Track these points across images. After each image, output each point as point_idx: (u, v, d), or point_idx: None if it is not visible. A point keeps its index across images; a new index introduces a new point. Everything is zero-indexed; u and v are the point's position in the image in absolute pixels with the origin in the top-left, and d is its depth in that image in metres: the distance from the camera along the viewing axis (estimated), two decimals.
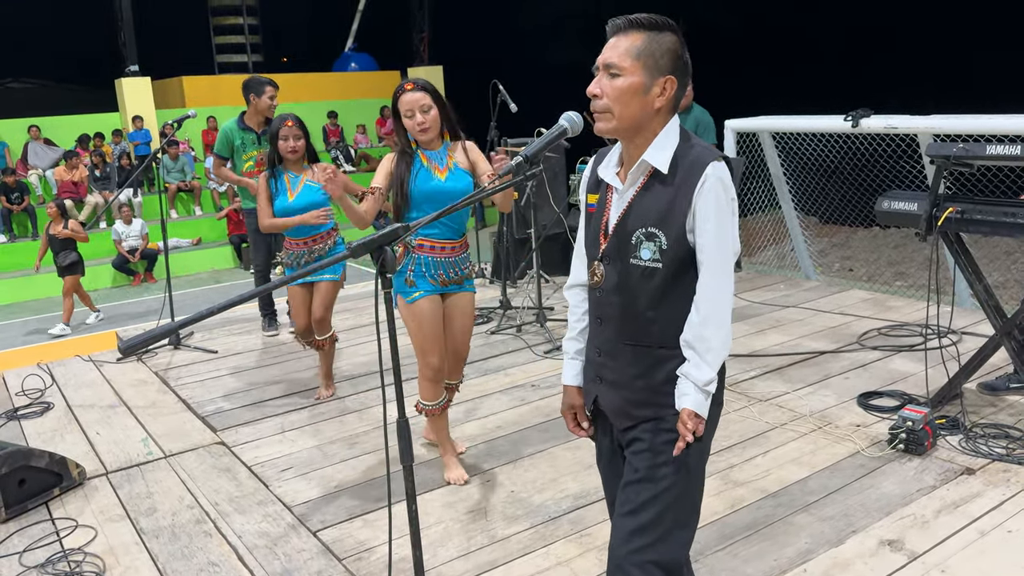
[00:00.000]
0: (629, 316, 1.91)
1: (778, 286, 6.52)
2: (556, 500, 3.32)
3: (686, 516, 1.94)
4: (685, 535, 1.95)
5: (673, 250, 1.84)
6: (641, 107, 1.83)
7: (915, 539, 2.88)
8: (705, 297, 1.84)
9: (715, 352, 1.84)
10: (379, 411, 4.36)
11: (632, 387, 1.94)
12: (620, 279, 1.91)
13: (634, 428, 1.96)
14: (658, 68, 1.81)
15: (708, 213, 1.80)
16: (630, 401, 1.95)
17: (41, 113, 15.47)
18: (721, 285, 1.84)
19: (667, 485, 1.89)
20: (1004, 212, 3.53)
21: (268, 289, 2.00)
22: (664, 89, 1.83)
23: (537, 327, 5.61)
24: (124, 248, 12.57)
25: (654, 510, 1.88)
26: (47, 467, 3.54)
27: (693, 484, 1.94)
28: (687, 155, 1.85)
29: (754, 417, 4.00)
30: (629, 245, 1.88)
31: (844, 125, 5.79)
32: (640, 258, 1.86)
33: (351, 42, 21.51)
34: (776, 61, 20.46)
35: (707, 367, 1.84)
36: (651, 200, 1.86)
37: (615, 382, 1.97)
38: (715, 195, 1.80)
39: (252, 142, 5.60)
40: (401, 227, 1.86)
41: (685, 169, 1.83)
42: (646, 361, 1.92)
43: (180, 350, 5.66)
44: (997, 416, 3.81)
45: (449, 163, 3.38)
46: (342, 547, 3.06)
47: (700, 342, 1.84)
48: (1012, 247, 9.87)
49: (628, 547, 1.88)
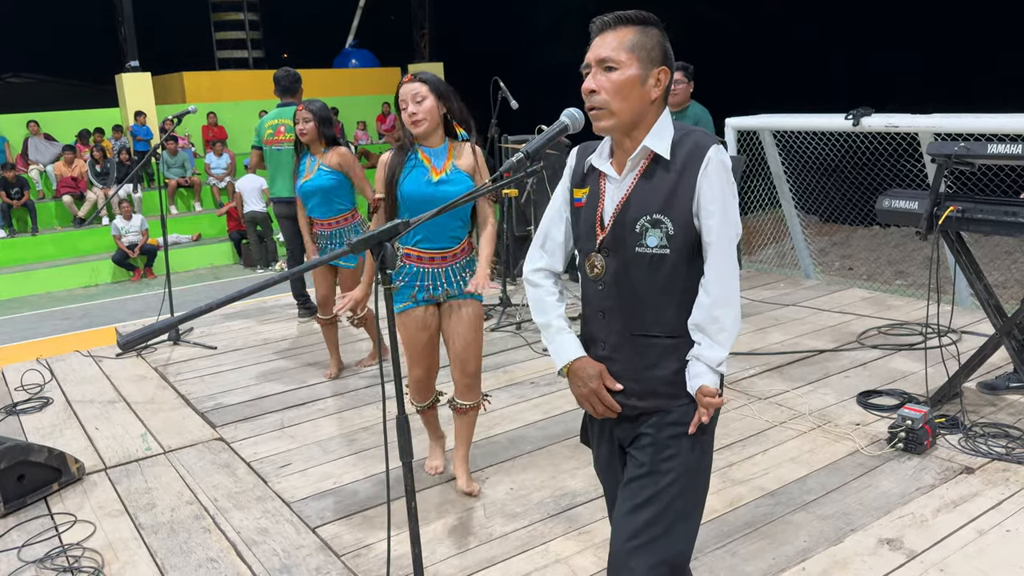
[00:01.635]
0: (636, 306, 1.90)
1: (778, 284, 6.51)
2: (555, 498, 3.32)
3: (690, 511, 1.93)
4: (690, 530, 1.93)
5: (680, 235, 1.84)
6: (640, 99, 1.85)
7: (914, 538, 2.88)
8: (714, 279, 1.85)
9: (728, 332, 1.86)
10: (378, 408, 4.36)
11: (640, 378, 1.92)
12: (625, 269, 1.89)
13: (637, 423, 1.94)
14: (651, 60, 1.84)
15: (714, 194, 1.82)
16: (638, 394, 1.93)
17: (41, 108, 15.42)
18: (728, 266, 1.85)
19: (672, 479, 1.88)
20: (1005, 211, 3.53)
21: (265, 286, 1.99)
22: (659, 80, 1.86)
23: (535, 324, 5.60)
24: (124, 244, 12.55)
25: (658, 505, 1.87)
26: (46, 462, 3.54)
27: (698, 479, 1.93)
28: (686, 141, 1.87)
29: (753, 415, 4.00)
30: (632, 234, 1.87)
31: (845, 124, 5.78)
32: (647, 246, 1.86)
33: (352, 38, 21.49)
34: (777, 60, 20.44)
35: (719, 347, 1.86)
36: (653, 187, 1.86)
37: (622, 375, 1.94)
38: (719, 177, 1.83)
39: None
40: (402, 223, 1.85)
41: (686, 154, 1.85)
42: (655, 352, 1.91)
43: (180, 346, 5.66)
44: (997, 415, 3.81)
45: (447, 165, 3.10)
46: (341, 543, 3.06)
47: (712, 323, 1.85)
48: (1013, 246, 9.86)
49: (632, 544, 1.87)
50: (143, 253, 12.69)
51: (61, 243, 13.10)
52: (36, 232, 13.11)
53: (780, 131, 6.62)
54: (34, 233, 13.07)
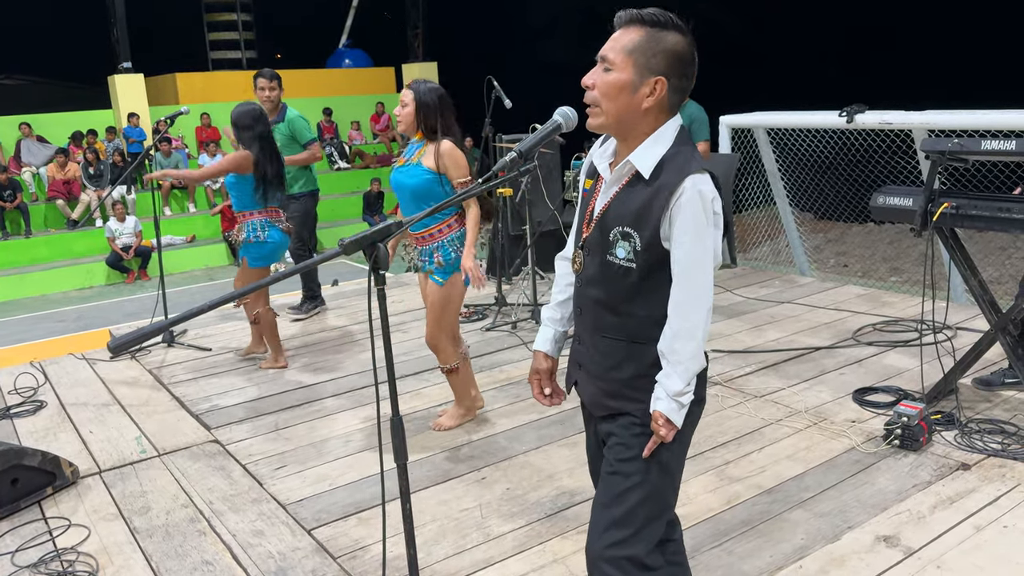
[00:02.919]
0: (604, 308, 1.93)
1: (773, 282, 6.51)
2: (551, 497, 3.31)
3: (658, 510, 1.95)
4: (656, 529, 1.96)
5: (646, 252, 1.84)
6: (627, 105, 1.81)
7: (911, 535, 2.88)
8: (676, 311, 1.83)
9: (684, 365, 1.83)
10: (373, 409, 4.35)
11: (606, 378, 1.96)
12: (597, 272, 1.92)
13: (609, 421, 1.98)
14: (649, 67, 1.79)
15: (686, 226, 1.78)
16: (604, 391, 1.97)
17: (34, 110, 15.38)
18: (694, 299, 1.81)
19: (639, 480, 1.90)
20: (999, 207, 3.53)
21: (259, 287, 1.98)
22: (654, 90, 1.80)
23: (532, 324, 5.60)
24: (118, 245, 12.53)
25: (626, 504, 1.90)
26: (40, 466, 3.52)
27: (665, 479, 1.94)
28: (672, 162, 1.82)
29: (749, 413, 4.00)
30: (607, 241, 1.89)
31: (839, 121, 5.79)
32: (616, 256, 1.88)
33: (345, 38, 21.45)
34: (771, 57, 20.46)
35: (677, 378, 1.83)
36: (631, 200, 1.86)
37: (591, 371, 2.00)
38: (692, 209, 1.77)
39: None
40: (394, 223, 1.86)
41: (666, 176, 1.81)
42: (620, 354, 1.93)
43: (174, 348, 5.64)
44: (992, 411, 3.81)
45: (414, 159, 3.69)
46: (336, 545, 3.05)
47: (672, 354, 1.84)
48: (1007, 242, 9.89)
49: (602, 542, 1.91)
50: (137, 255, 12.66)
51: (55, 245, 13.06)
52: (29, 234, 13.07)
53: (774, 128, 6.62)
54: (27, 235, 13.03)
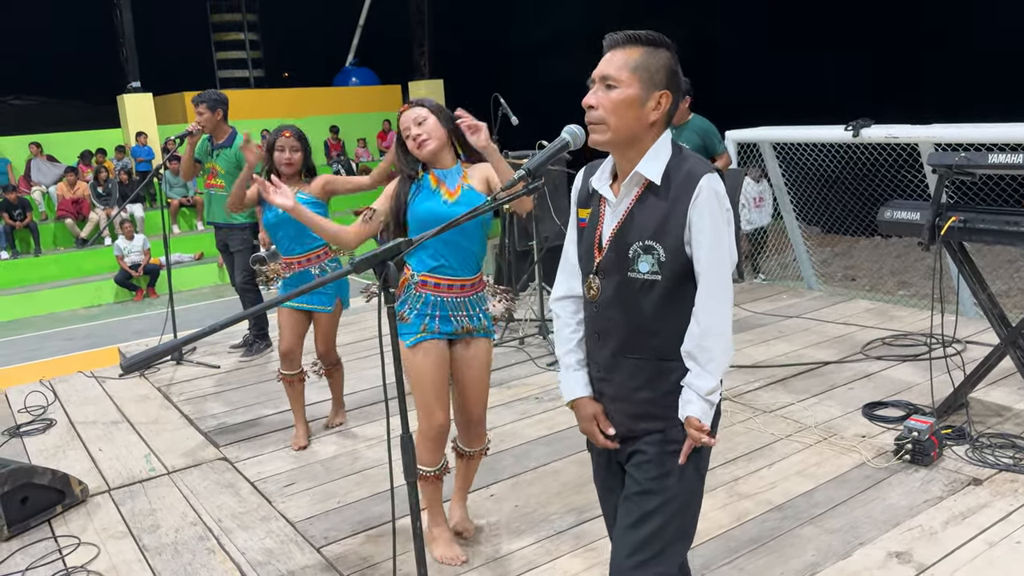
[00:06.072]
0: (629, 329, 1.92)
1: (781, 296, 6.50)
2: (561, 514, 3.30)
3: (687, 527, 1.97)
4: (685, 547, 1.98)
5: (671, 263, 1.85)
6: (636, 119, 1.85)
7: (923, 551, 2.86)
8: (704, 308, 1.85)
9: (716, 361, 1.86)
10: (382, 426, 4.34)
11: (633, 399, 1.95)
12: (618, 292, 1.92)
13: (635, 441, 1.96)
14: (653, 82, 1.85)
15: (704, 225, 1.82)
16: (631, 415, 1.96)
17: (43, 130, 15.53)
18: (719, 295, 1.85)
19: (671, 496, 1.90)
20: (1007, 221, 3.52)
21: (269, 306, 1.99)
22: (659, 103, 1.86)
23: (539, 339, 5.60)
24: (126, 263, 12.58)
25: (657, 522, 1.90)
26: (50, 484, 3.53)
27: (693, 498, 1.96)
28: (680, 168, 1.87)
29: (759, 429, 3.98)
30: (626, 258, 1.89)
31: (845, 135, 5.79)
32: (638, 271, 1.88)
33: (352, 57, 21.61)
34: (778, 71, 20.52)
35: (709, 376, 1.85)
36: (647, 213, 1.88)
37: (615, 396, 1.98)
38: (710, 207, 1.82)
39: (206, 152, 5.63)
40: (404, 242, 1.86)
41: (679, 182, 1.85)
42: (647, 373, 1.92)
43: (183, 365, 5.65)
44: (1004, 426, 3.79)
45: (462, 183, 2.85)
46: (346, 563, 3.05)
47: (701, 352, 1.85)
48: (1015, 256, 9.85)
49: (631, 561, 1.90)
50: (146, 273, 12.71)
51: (64, 264, 13.13)
52: (39, 253, 13.15)
53: (780, 143, 6.63)
54: (37, 254, 13.11)
